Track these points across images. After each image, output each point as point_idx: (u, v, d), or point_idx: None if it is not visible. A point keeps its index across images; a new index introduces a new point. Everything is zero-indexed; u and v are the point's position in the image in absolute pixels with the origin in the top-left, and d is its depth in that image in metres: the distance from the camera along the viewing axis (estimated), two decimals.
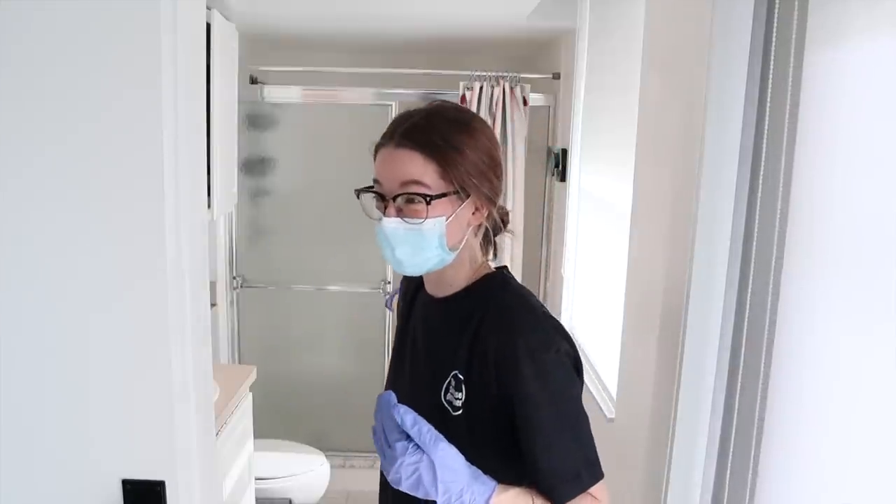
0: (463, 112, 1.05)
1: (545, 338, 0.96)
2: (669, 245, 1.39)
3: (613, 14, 2.20)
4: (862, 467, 0.92)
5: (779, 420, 1.09)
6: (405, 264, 0.99)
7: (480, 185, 0.99)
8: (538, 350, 0.95)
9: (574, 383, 0.98)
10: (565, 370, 0.96)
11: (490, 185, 1.01)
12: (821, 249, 1.01)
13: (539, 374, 0.94)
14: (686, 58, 1.32)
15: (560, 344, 0.97)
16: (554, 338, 0.97)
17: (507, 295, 1.03)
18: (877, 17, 0.90)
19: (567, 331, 1.02)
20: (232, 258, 3.19)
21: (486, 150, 1.00)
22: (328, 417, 3.44)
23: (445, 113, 1.01)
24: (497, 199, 1.03)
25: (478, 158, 0.98)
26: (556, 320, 1.01)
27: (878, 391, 0.88)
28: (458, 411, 0.98)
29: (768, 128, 1.11)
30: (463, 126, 0.99)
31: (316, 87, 3.11)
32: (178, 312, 0.99)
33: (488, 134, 1.03)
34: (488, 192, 1.00)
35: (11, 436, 1.01)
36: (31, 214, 0.96)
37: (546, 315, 1.00)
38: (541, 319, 0.99)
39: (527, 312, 0.99)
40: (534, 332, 0.97)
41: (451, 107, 1.04)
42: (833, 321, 0.99)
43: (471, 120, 1.02)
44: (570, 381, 0.97)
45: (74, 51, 0.92)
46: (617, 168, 2.07)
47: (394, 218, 0.96)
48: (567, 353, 0.97)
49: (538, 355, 0.94)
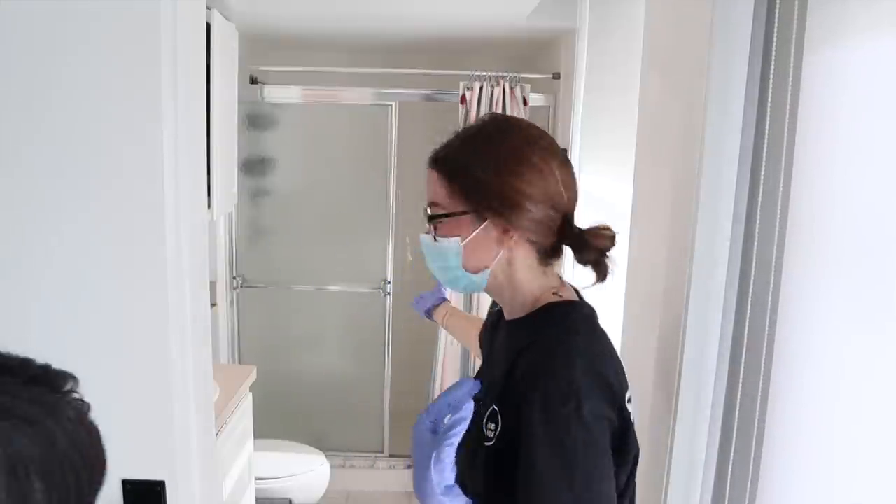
0: (503, 132, 0.95)
1: (567, 389, 0.83)
2: (669, 245, 1.39)
3: (613, 14, 2.20)
4: (863, 467, 0.92)
5: (779, 420, 1.09)
6: (439, 279, 1.01)
7: (503, 208, 0.90)
8: (554, 400, 0.83)
9: (595, 451, 0.83)
10: (586, 432, 0.83)
11: (519, 209, 0.90)
12: (821, 249, 1.01)
13: (547, 427, 0.83)
14: (686, 58, 1.32)
15: (587, 401, 0.83)
16: (581, 393, 0.83)
17: (554, 331, 0.92)
18: (876, 16, 0.90)
19: (621, 399, 0.88)
20: (232, 258, 3.19)
21: (518, 173, 0.90)
22: (328, 417, 3.44)
23: (480, 132, 0.95)
24: (541, 225, 0.92)
25: (500, 181, 0.90)
26: (606, 378, 0.87)
27: (879, 391, 0.88)
28: (489, 442, 0.90)
29: (768, 128, 1.11)
30: (490, 146, 0.93)
31: (316, 87, 3.11)
32: (178, 312, 0.99)
33: (527, 157, 0.91)
34: (516, 216, 0.91)
35: None
36: (31, 214, 0.96)
37: (589, 367, 0.86)
38: (574, 367, 0.85)
39: (563, 355, 0.87)
40: (557, 378, 0.85)
41: (492, 123, 0.96)
42: (833, 321, 0.99)
43: (508, 141, 0.93)
44: (589, 445, 0.83)
45: (74, 51, 0.92)
46: (617, 168, 2.07)
47: (424, 234, 0.98)
48: (596, 414, 0.83)
49: (552, 407, 0.83)
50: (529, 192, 0.90)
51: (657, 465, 1.30)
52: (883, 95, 0.89)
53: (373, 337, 3.30)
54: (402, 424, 3.39)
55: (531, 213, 0.91)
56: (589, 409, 0.83)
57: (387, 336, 3.27)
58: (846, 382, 0.96)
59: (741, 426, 1.17)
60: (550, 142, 0.95)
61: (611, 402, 0.86)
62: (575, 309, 0.96)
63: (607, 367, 0.89)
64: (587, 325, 0.95)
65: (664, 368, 1.32)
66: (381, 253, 3.19)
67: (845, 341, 0.96)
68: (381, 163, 3.10)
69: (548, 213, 0.92)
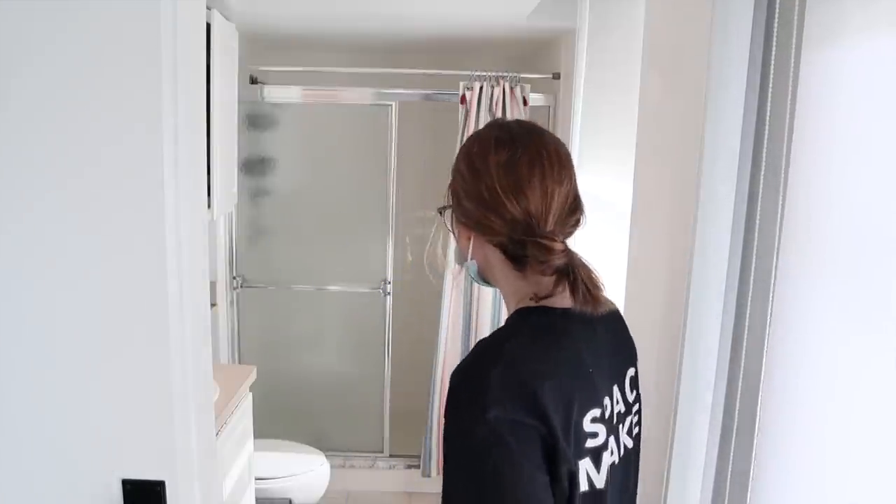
0: (482, 129, 0.99)
1: (479, 389, 0.81)
2: (669, 245, 1.39)
3: (613, 14, 2.20)
4: (859, 467, 0.92)
5: (780, 420, 1.09)
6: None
7: (456, 207, 0.97)
8: (463, 401, 0.83)
9: (504, 458, 0.79)
10: (493, 436, 0.79)
11: (461, 208, 0.95)
12: (819, 249, 1.01)
13: (456, 428, 0.84)
14: (686, 58, 1.32)
15: (496, 405, 0.80)
16: (491, 396, 0.80)
17: (504, 331, 0.92)
18: (873, 16, 0.90)
19: (543, 408, 0.81)
20: (232, 258, 3.19)
21: (457, 167, 0.96)
22: (328, 417, 3.45)
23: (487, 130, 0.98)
24: (477, 226, 0.93)
25: (454, 175, 0.97)
26: (529, 385, 0.82)
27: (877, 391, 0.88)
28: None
29: (768, 127, 1.11)
30: (471, 143, 0.97)
31: (316, 87, 3.11)
32: (178, 312, 0.99)
33: (472, 148, 0.95)
34: (460, 215, 0.96)
35: (12, 436, 1.01)
36: (30, 215, 0.96)
37: (511, 372, 0.82)
38: (491, 369, 0.82)
39: (486, 355, 0.86)
40: (473, 378, 0.84)
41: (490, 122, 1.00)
42: (833, 321, 0.99)
43: (470, 138, 0.98)
44: (495, 451, 0.79)
45: (74, 51, 0.92)
46: (617, 168, 2.07)
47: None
48: (510, 420, 0.80)
49: (461, 407, 0.83)
50: (466, 190, 0.93)
51: (657, 464, 1.30)
52: (880, 95, 0.89)
53: (373, 337, 3.30)
54: (402, 424, 3.40)
55: (471, 213, 0.94)
56: (498, 413, 0.79)
57: (387, 336, 3.27)
58: (845, 382, 0.96)
59: (741, 426, 1.17)
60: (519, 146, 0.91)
61: (532, 413, 0.81)
62: (535, 314, 0.92)
63: (533, 375, 0.83)
64: (536, 331, 0.90)
65: (664, 368, 1.32)
66: (381, 253, 3.19)
67: (845, 341, 0.96)
68: (381, 163, 3.10)
69: (487, 216, 0.91)
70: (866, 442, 0.91)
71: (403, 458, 3.33)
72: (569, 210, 0.94)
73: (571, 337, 0.92)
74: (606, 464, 0.91)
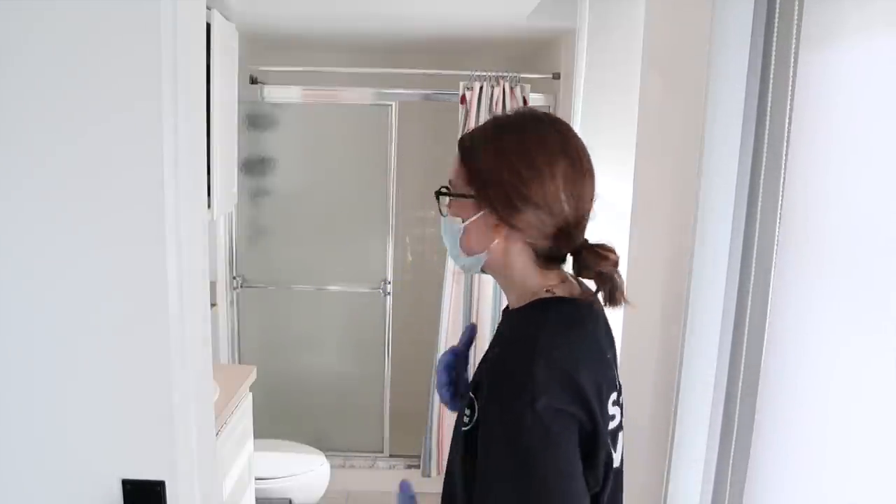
0: (515, 117, 0.96)
1: (523, 381, 0.83)
2: (669, 244, 1.39)
3: (613, 14, 2.20)
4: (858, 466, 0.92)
5: (780, 420, 1.09)
6: (449, 255, 1.04)
7: (494, 199, 0.92)
8: (508, 392, 0.84)
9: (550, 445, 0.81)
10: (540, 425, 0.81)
11: (506, 201, 0.91)
12: (818, 248, 1.01)
13: (502, 418, 0.84)
14: (686, 58, 1.32)
15: (543, 395, 0.81)
16: (537, 386, 0.82)
17: (529, 323, 0.92)
18: (870, 16, 0.90)
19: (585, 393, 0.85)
20: (232, 258, 3.19)
21: (509, 163, 0.91)
22: (328, 417, 3.44)
23: (501, 117, 0.97)
24: (532, 227, 0.91)
25: (494, 167, 0.92)
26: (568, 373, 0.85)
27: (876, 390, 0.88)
28: (465, 427, 0.91)
29: (768, 127, 1.11)
30: (497, 131, 0.94)
31: (316, 87, 3.11)
32: (178, 312, 0.99)
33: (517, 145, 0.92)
34: (501, 208, 0.91)
35: (12, 436, 1.01)
36: (30, 214, 0.96)
37: (550, 362, 0.84)
38: (534, 360, 0.84)
39: (525, 346, 0.87)
40: (515, 370, 0.85)
41: (529, 114, 0.96)
42: (832, 320, 0.99)
43: (510, 125, 0.94)
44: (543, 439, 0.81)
45: (74, 51, 0.92)
46: (617, 168, 2.07)
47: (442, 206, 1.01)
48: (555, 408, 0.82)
49: (506, 399, 0.84)
50: (524, 193, 0.90)
51: (657, 464, 1.30)
52: (878, 94, 0.89)
53: (373, 337, 3.30)
54: (402, 424, 3.40)
55: (522, 214, 0.91)
56: (545, 403, 0.81)
57: (387, 336, 3.27)
58: (845, 381, 0.96)
59: (740, 425, 1.17)
60: (571, 148, 0.92)
61: (575, 400, 0.84)
62: (555, 305, 0.94)
63: (573, 364, 0.86)
64: (563, 321, 0.92)
65: (664, 368, 1.32)
66: (381, 253, 3.19)
67: (844, 341, 0.96)
68: (381, 163, 3.10)
69: (540, 218, 0.91)
70: (865, 441, 0.91)
71: (403, 458, 3.33)
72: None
73: (588, 322, 0.96)
74: (621, 444, 0.95)
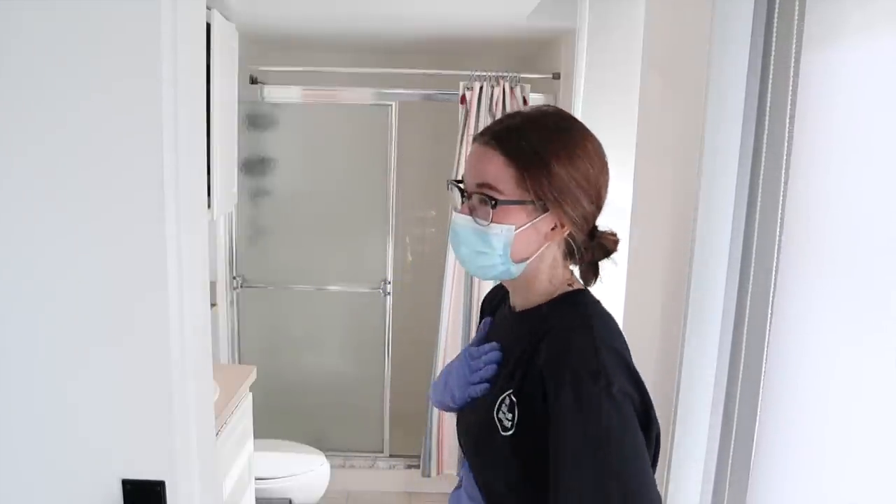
0: (567, 123, 0.96)
1: (597, 367, 0.84)
2: (669, 244, 1.39)
3: (613, 14, 2.21)
4: (859, 466, 0.92)
5: (779, 419, 1.09)
6: (467, 265, 0.98)
7: (564, 203, 0.91)
8: (584, 379, 0.84)
9: (627, 427, 0.83)
10: (616, 409, 0.83)
11: (578, 205, 0.92)
12: (819, 248, 1.01)
13: (579, 405, 0.83)
14: (686, 58, 1.32)
15: (615, 379, 0.84)
16: (609, 371, 0.84)
17: (573, 315, 0.94)
18: (873, 15, 0.90)
19: (637, 375, 0.88)
20: (232, 258, 3.19)
21: (584, 170, 0.92)
22: (328, 417, 3.44)
23: (546, 119, 0.95)
24: (586, 223, 0.94)
25: (568, 175, 0.91)
26: (625, 357, 0.88)
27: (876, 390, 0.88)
28: (507, 431, 0.91)
29: (768, 127, 1.11)
30: (561, 137, 0.93)
31: (316, 87, 3.11)
32: (178, 312, 0.99)
33: (591, 154, 0.93)
34: (573, 212, 0.92)
35: (12, 436, 1.01)
36: (30, 214, 0.96)
37: (610, 347, 0.88)
38: (598, 347, 0.86)
39: (585, 335, 0.89)
40: (585, 357, 0.86)
41: (556, 114, 0.96)
42: (833, 320, 0.99)
43: (574, 134, 0.94)
44: (621, 422, 0.83)
45: (74, 51, 0.92)
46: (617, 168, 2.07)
47: (465, 215, 0.95)
48: (624, 392, 0.84)
49: (583, 386, 0.84)
50: (587, 188, 0.92)
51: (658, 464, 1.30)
52: (879, 94, 0.89)
53: (373, 337, 3.30)
54: (402, 424, 3.40)
55: (583, 210, 0.93)
56: (618, 387, 0.84)
57: (387, 336, 3.27)
58: (845, 381, 0.96)
59: (740, 425, 1.17)
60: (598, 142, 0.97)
61: (631, 381, 0.87)
62: (587, 296, 0.99)
63: (626, 350, 0.91)
64: (599, 309, 0.97)
65: (664, 368, 1.32)
66: (381, 253, 3.19)
67: (845, 341, 0.96)
68: (381, 163, 3.10)
69: (593, 210, 0.95)
70: (866, 441, 0.91)
71: (403, 458, 3.33)
72: None
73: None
74: None
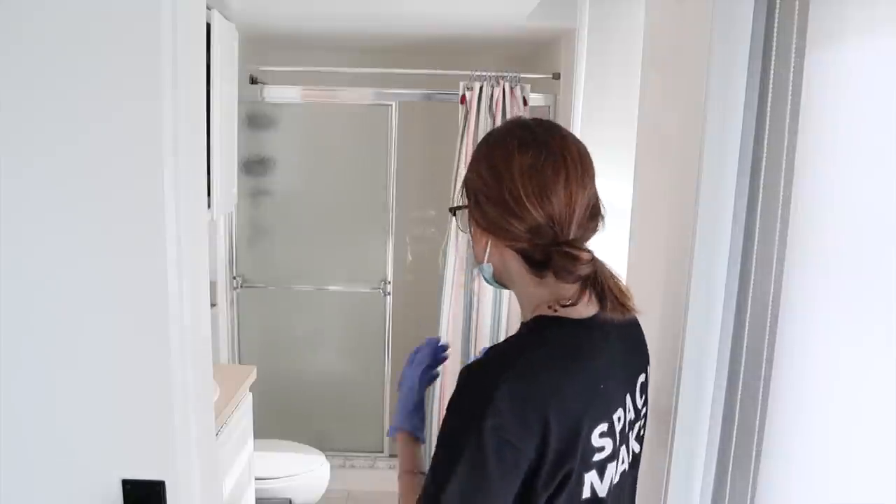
0: (497, 133, 0.96)
1: (483, 397, 0.81)
2: (669, 245, 1.39)
3: (613, 14, 2.21)
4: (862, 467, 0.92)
5: (780, 419, 1.09)
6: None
7: (474, 209, 0.93)
8: (468, 400, 0.84)
9: (474, 462, 0.80)
10: (476, 442, 0.80)
11: (480, 210, 0.92)
12: (821, 249, 1.01)
13: (451, 419, 0.85)
14: (686, 58, 1.32)
15: (494, 417, 0.80)
16: (492, 406, 0.80)
17: (518, 343, 0.90)
18: (875, 16, 0.90)
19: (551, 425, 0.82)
20: (232, 258, 3.19)
21: (476, 167, 0.93)
22: (328, 417, 3.45)
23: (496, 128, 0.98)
24: (506, 232, 0.90)
25: (472, 176, 0.93)
26: (535, 402, 0.82)
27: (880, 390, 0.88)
28: None
29: (769, 127, 1.11)
30: (480, 146, 0.95)
31: (316, 87, 3.11)
32: (179, 312, 0.99)
33: (490, 149, 0.92)
34: (479, 217, 0.92)
35: (11, 436, 1.01)
36: (29, 215, 0.96)
37: (519, 387, 0.82)
38: (502, 381, 0.81)
39: (497, 367, 0.85)
40: (481, 384, 0.83)
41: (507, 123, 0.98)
42: (833, 321, 0.99)
43: (490, 141, 0.94)
44: (473, 453, 0.80)
45: (74, 51, 0.92)
46: (617, 168, 2.07)
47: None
48: (499, 432, 0.80)
49: (463, 404, 0.84)
50: (487, 194, 0.91)
51: (657, 464, 1.30)
52: (881, 95, 0.89)
53: (373, 337, 3.30)
54: None
55: (490, 216, 0.91)
56: (493, 425, 0.79)
57: (387, 336, 3.27)
58: (848, 381, 0.96)
59: (741, 425, 1.17)
60: (540, 147, 0.89)
61: (529, 435, 0.81)
62: (550, 327, 0.90)
63: (542, 400, 0.82)
64: (551, 347, 0.88)
65: (664, 368, 1.32)
66: (381, 253, 3.19)
67: (846, 342, 0.96)
68: (381, 163, 3.10)
69: (507, 219, 0.88)
70: (870, 442, 0.91)
71: None
72: (590, 215, 0.92)
73: (587, 350, 0.91)
74: (611, 473, 0.91)
